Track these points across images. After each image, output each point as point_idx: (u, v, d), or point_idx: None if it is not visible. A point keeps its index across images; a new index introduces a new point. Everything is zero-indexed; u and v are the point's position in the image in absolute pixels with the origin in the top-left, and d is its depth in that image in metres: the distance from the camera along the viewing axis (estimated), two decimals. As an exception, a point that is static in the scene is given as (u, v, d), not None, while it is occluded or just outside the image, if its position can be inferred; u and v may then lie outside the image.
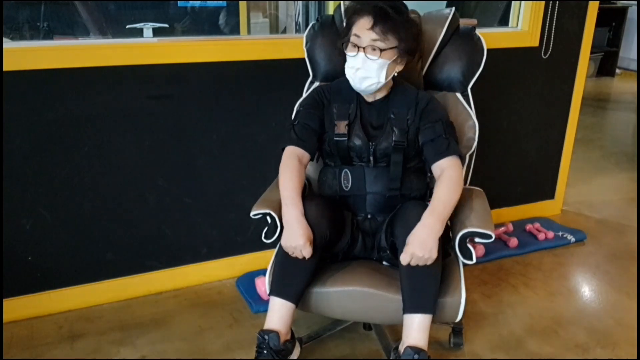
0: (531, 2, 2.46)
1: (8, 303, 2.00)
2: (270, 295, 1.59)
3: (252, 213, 1.63)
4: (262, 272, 1.98)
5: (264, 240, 1.65)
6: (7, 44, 1.86)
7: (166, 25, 2.97)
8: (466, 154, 1.85)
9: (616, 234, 2.76)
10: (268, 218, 1.63)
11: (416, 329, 1.52)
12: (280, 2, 3.56)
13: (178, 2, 3.21)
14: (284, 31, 3.64)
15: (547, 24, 2.50)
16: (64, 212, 2.01)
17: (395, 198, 1.69)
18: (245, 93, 2.12)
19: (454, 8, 1.90)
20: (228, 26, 3.23)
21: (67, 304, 2.09)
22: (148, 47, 1.97)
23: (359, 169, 1.71)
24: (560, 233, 2.68)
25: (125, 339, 1.95)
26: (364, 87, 1.64)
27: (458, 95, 1.89)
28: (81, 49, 1.90)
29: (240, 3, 3.10)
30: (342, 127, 1.69)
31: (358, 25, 1.60)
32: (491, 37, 2.06)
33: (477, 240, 1.55)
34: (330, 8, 2.38)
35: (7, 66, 1.78)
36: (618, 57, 6.50)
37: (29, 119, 1.87)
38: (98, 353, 1.88)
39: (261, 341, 1.54)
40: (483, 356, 1.89)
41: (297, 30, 3.44)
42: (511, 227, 2.70)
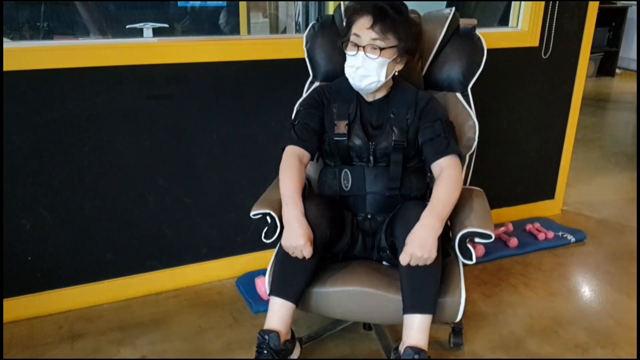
0: (531, 2, 2.46)
1: (8, 303, 2.00)
2: (270, 295, 1.59)
3: (252, 213, 1.63)
4: (262, 272, 1.98)
5: (264, 240, 1.65)
6: (7, 44, 1.86)
7: (166, 25, 2.97)
8: (466, 154, 1.85)
9: (616, 234, 2.76)
10: (268, 218, 1.63)
11: (416, 329, 1.52)
12: (280, 2, 3.56)
13: (178, 2, 3.21)
14: (284, 31, 3.64)
15: (547, 24, 2.50)
16: (64, 212, 2.01)
17: (395, 198, 1.69)
18: (245, 93, 2.12)
19: (454, 8, 1.90)
20: (228, 26, 3.23)
21: (67, 304, 2.09)
22: (148, 47, 1.97)
23: (359, 169, 1.71)
24: (560, 233, 2.68)
25: (125, 339, 1.95)
26: (364, 86, 1.64)
27: (458, 95, 1.89)
28: (81, 49, 1.90)
29: (240, 3, 3.09)
30: (342, 127, 1.69)
31: (358, 24, 1.60)
32: (491, 37, 2.06)
33: (477, 240, 1.55)
34: (330, 8, 2.38)
35: (7, 66, 1.79)
36: (618, 57, 6.51)
37: (29, 119, 1.87)
38: (98, 353, 1.88)
39: (261, 341, 1.54)
40: (483, 356, 1.89)
41: (297, 30, 3.44)
42: (511, 227, 2.70)
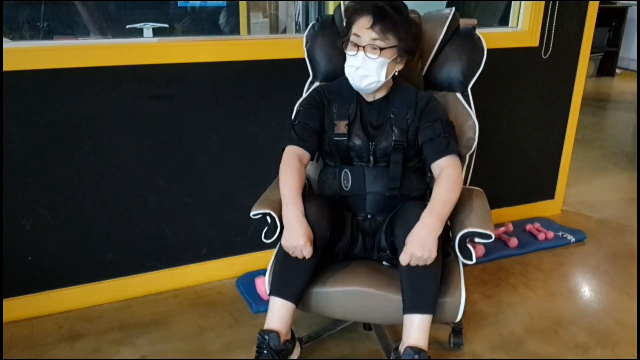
0: (531, 2, 2.46)
1: (8, 303, 2.00)
2: (270, 295, 1.59)
3: (252, 213, 1.63)
4: (262, 272, 1.98)
5: (264, 240, 1.65)
6: (7, 44, 1.86)
7: (166, 25, 2.97)
8: (466, 154, 1.85)
9: (616, 234, 2.76)
10: (268, 218, 1.63)
11: (416, 329, 1.52)
12: (280, 2, 3.56)
13: (178, 2, 3.21)
14: (284, 31, 3.64)
15: (547, 24, 2.50)
16: (64, 212, 2.01)
17: (395, 198, 1.69)
18: (245, 93, 2.12)
19: (454, 8, 1.90)
20: (228, 26, 3.23)
21: (67, 304, 2.09)
22: (148, 47, 1.97)
23: (359, 169, 1.71)
24: (560, 233, 2.68)
25: (125, 339, 1.95)
26: (364, 86, 1.64)
27: (458, 95, 1.89)
28: (81, 49, 1.90)
29: (240, 3, 3.09)
30: (342, 127, 1.69)
31: (358, 24, 1.60)
32: (491, 37, 2.06)
33: (477, 240, 1.55)
34: (330, 8, 2.38)
35: (7, 66, 1.78)
36: (618, 57, 6.51)
37: (29, 119, 1.87)
38: (98, 353, 1.88)
39: (261, 341, 1.54)
40: (483, 356, 1.89)
41: (297, 30, 3.44)
42: (511, 227, 2.70)
